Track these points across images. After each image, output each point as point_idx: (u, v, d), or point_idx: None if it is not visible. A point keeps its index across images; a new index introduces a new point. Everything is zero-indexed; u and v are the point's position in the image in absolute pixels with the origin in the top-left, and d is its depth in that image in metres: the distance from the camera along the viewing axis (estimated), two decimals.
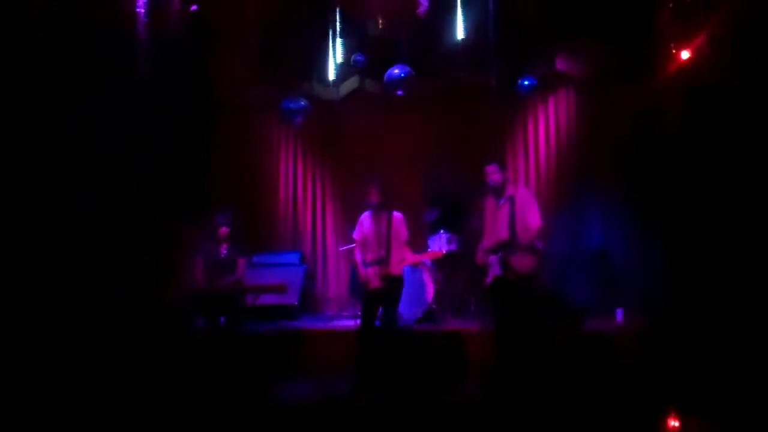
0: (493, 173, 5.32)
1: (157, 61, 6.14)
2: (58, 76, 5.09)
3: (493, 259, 5.25)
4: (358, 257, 5.88)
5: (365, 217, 5.91)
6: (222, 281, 6.31)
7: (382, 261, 5.68)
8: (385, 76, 7.36)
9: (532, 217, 5.16)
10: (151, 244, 5.99)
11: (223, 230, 6.44)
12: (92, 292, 5.31)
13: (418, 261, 6.22)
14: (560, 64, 7.91)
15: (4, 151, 4.82)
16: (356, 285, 6.58)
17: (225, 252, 6.46)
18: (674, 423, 4.70)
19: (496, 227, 5.26)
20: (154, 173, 5.96)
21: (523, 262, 5.12)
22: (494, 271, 5.23)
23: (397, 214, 5.83)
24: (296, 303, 7.89)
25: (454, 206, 7.80)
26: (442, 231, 7.62)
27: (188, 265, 6.37)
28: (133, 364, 5.22)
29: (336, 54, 7.78)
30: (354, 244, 6.05)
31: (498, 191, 5.34)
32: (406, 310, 7.04)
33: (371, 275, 5.70)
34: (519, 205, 5.20)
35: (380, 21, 7.51)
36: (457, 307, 7.56)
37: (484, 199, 5.50)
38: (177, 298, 6.10)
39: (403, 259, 5.77)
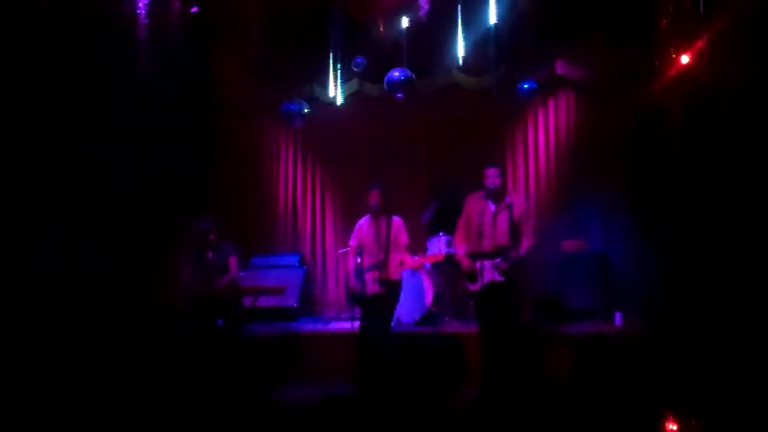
0: (493, 177, 5.31)
1: (157, 62, 6.13)
2: (57, 76, 5.10)
3: (487, 263, 5.22)
4: (351, 264, 5.85)
5: (363, 222, 5.89)
6: (217, 282, 6.27)
7: (381, 265, 5.66)
8: (386, 79, 7.36)
9: (527, 232, 5.22)
10: (149, 247, 5.99)
11: (209, 234, 6.32)
12: (90, 294, 5.31)
13: (418, 264, 6.19)
14: (560, 68, 7.93)
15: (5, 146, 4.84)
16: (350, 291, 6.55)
17: (211, 255, 6.36)
18: (672, 426, 4.70)
19: (495, 232, 5.24)
20: (152, 175, 5.95)
21: (516, 269, 5.14)
22: (489, 275, 5.20)
23: (396, 219, 5.80)
24: (295, 305, 7.88)
25: (454, 209, 7.78)
26: (441, 233, 7.60)
27: (181, 269, 6.33)
28: (131, 366, 5.22)
29: (336, 56, 7.78)
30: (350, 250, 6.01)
31: (497, 195, 5.32)
32: (405, 312, 7.04)
33: (369, 280, 5.69)
34: (517, 215, 5.22)
35: (381, 24, 7.52)
36: (456, 310, 7.55)
37: (471, 200, 5.45)
38: (175, 301, 6.09)
39: (402, 263, 5.74)
